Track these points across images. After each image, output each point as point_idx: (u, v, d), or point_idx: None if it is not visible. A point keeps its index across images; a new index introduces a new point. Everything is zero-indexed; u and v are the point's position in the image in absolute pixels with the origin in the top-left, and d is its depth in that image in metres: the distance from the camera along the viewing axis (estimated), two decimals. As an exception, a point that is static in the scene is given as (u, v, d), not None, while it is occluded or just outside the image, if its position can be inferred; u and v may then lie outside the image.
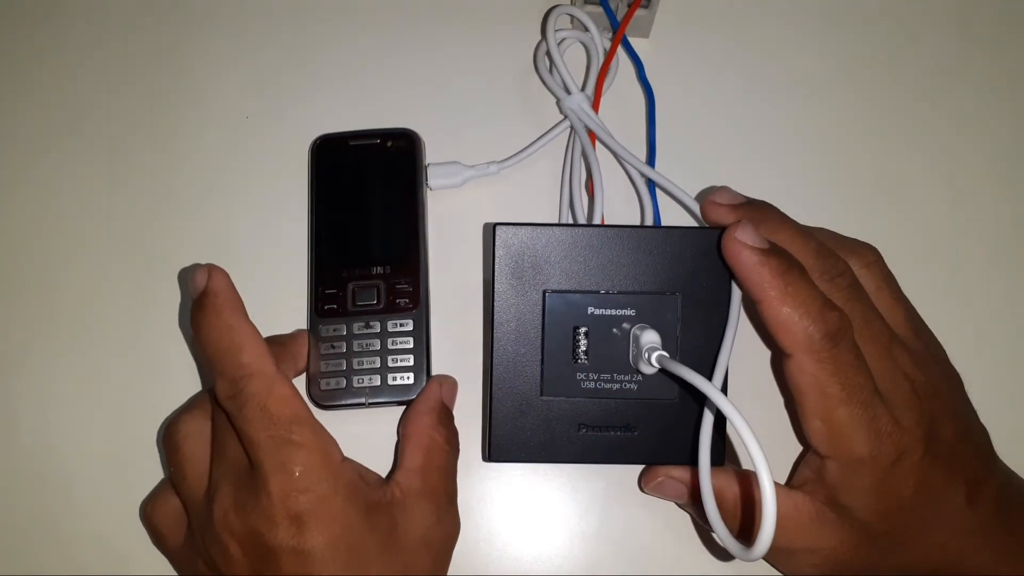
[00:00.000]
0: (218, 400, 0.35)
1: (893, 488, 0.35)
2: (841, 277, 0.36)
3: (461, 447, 0.42)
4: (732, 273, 0.36)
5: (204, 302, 0.35)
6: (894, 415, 0.34)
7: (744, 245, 0.34)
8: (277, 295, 0.44)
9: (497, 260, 0.37)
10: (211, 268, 0.36)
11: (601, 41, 0.46)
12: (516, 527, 0.42)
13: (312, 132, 0.45)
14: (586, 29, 0.46)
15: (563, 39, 0.46)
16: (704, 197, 0.39)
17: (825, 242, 0.37)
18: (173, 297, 0.45)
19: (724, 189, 0.39)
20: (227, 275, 0.36)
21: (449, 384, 0.42)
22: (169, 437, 0.38)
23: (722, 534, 0.32)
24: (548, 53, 0.45)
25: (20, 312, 0.45)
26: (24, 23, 0.48)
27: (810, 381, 0.34)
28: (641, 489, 0.41)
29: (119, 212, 0.46)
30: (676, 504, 0.41)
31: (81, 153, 0.47)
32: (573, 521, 0.42)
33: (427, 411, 0.40)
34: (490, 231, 0.39)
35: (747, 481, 0.37)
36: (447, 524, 0.39)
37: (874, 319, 0.36)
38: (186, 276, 0.45)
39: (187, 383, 0.44)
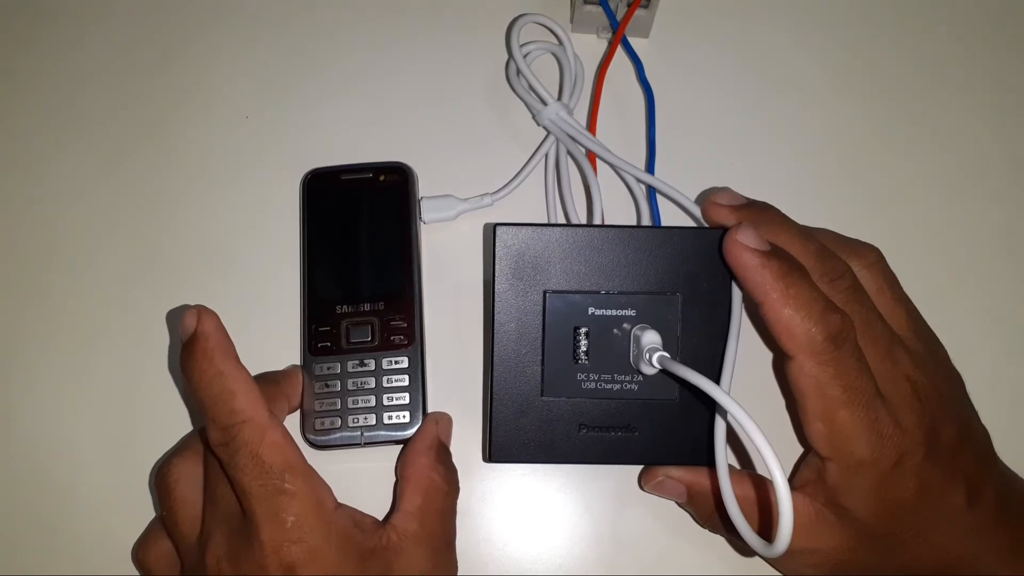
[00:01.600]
0: (210, 446, 0.35)
1: (893, 490, 0.35)
2: (841, 279, 0.36)
3: (463, 447, 0.42)
4: (733, 275, 0.36)
5: (194, 347, 0.35)
6: (895, 417, 0.34)
7: (745, 247, 0.34)
8: (271, 302, 0.44)
9: (497, 260, 0.37)
10: (200, 311, 0.35)
11: (571, 49, 0.45)
12: (516, 527, 0.42)
13: (304, 152, 0.45)
14: (559, 41, 0.46)
15: (529, 52, 0.46)
16: (705, 198, 0.39)
17: (826, 243, 0.37)
18: (172, 299, 0.44)
19: (725, 190, 0.39)
20: (217, 317, 0.35)
21: (445, 421, 0.42)
22: (161, 480, 0.38)
23: (745, 532, 0.32)
24: (516, 67, 0.45)
25: (19, 313, 0.45)
26: (25, 25, 0.48)
27: (811, 383, 0.34)
28: (641, 487, 0.41)
29: (119, 213, 0.46)
30: (676, 503, 0.41)
31: (81, 155, 0.47)
32: (573, 521, 0.42)
33: (424, 451, 0.40)
34: (490, 231, 0.39)
35: (744, 479, 0.37)
36: (443, 568, 0.38)
37: (875, 321, 0.36)
38: (175, 317, 0.44)
39: (182, 386, 0.44)
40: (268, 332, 0.44)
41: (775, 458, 0.29)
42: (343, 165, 0.45)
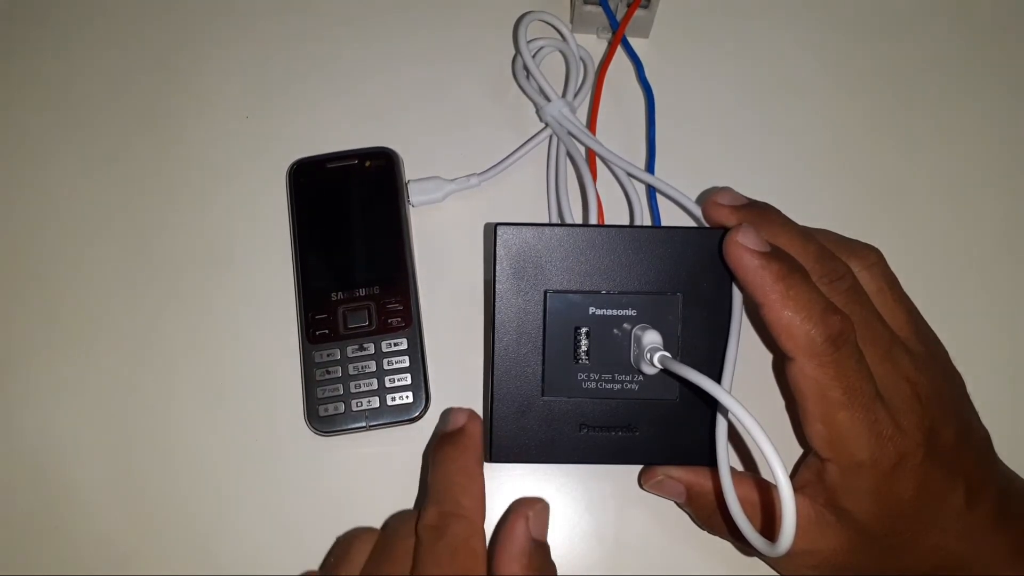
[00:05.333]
0: (418, 524, 0.35)
1: (893, 491, 0.35)
2: (841, 280, 0.36)
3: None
4: (734, 276, 0.36)
5: (457, 440, 0.37)
6: (895, 419, 0.34)
7: (745, 248, 0.34)
8: (271, 294, 0.44)
9: (498, 260, 0.37)
10: (471, 414, 0.38)
11: (576, 47, 0.46)
12: (516, 527, 0.42)
13: (303, 148, 0.45)
14: (562, 36, 0.46)
15: (540, 48, 0.46)
16: (706, 197, 0.39)
17: (826, 244, 0.37)
18: (171, 297, 0.45)
19: (726, 190, 0.39)
20: (482, 423, 0.38)
21: (539, 511, 0.36)
22: (345, 540, 0.38)
23: (747, 531, 0.32)
24: (523, 63, 0.45)
25: (19, 312, 0.45)
26: (26, 24, 0.48)
27: (812, 385, 0.34)
28: (641, 487, 0.41)
29: (119, 212, 0.46)
30: (676, 504, 0.41)
31: (80, 154, 0.47)
32: (573, 521, 0.42)
33: (517, 556, 0.35)
34: (491, 231, 0.39)
35: (745, 481, 0.37)
36: None
37: (874, 322, 0.36)
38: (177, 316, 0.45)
39: (185, 381, 0.44)
40: (268, 324, 0.44)
41: (777, 456, 0.29)
42: (328, 153, 0.45)
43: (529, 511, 0.36)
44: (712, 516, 0.39)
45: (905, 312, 0.38)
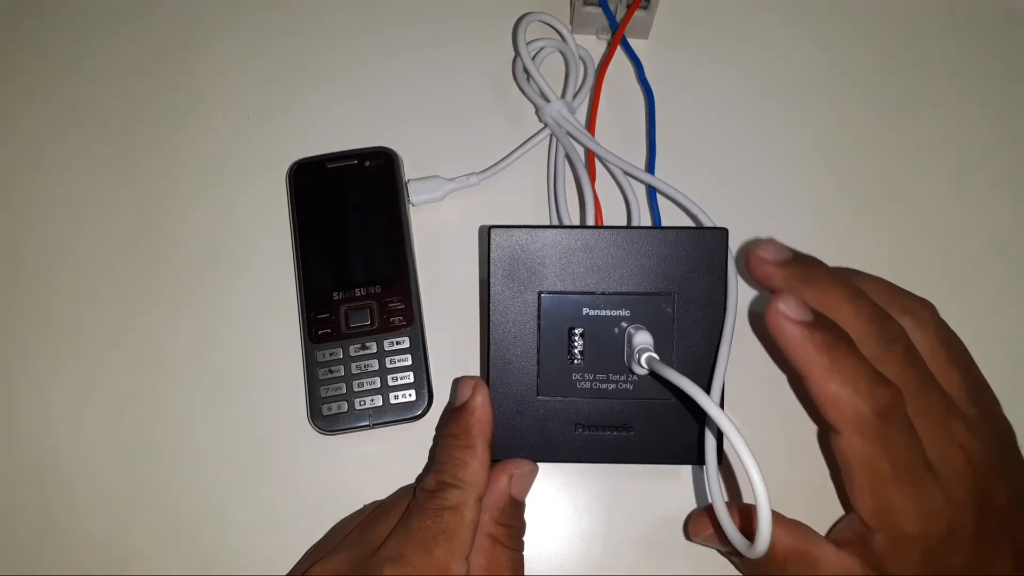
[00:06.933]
0: (416, 489, 0.37)
1: (942, 560, 0.34)
2: (895, 343, 0.35)
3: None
4: (777, 346, 0.34)
5: (460, 415, 0.37)
6: (946, 490, 0.33)
7: (787, 318, 0.33)
8: (274, 294, 0.45)
9: (492, 262, 0.37)
10: (477, 384, 0.37)
11: (576, 48, 0.46)
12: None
13: (304, 149, 0.46)
14: (562, 37, 0.46)
15: (541, 48, 0.46)
16: (748, 250, 0.38)
17: (878, 297, 0.36)
18: (171, 297, 0.45)
19: (769, 242, 0.37)
20: (488, 395, 0.37)
21: (524, 473, 0.38)
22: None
23: (730, 531, 0.32)
24: (523, 64, 0.45)
25: (18, 312, 0.45)
26: (26, 23, 0.49)
27: (859, 459, 0.33)
28: (688, 539, 0.41)
29: (120, 213, 0.46)
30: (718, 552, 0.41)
31: (81, 154, 0.47)
32: (573, 521, 0.42)
33: (485, 508, 0.37)
34: (485, 233, 0.39)
35: (748, 514, 0.36)
36: None
37: (929, 388, 0.35)
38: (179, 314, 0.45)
39: (187, 381, 0.44)
40: (270, 324, 0.44)
41: (753, 460, 0.29)
42: (328, 154, 0.45)
43: (515, 469, 0.38)
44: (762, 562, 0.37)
45: (959, 372, 0.37)
